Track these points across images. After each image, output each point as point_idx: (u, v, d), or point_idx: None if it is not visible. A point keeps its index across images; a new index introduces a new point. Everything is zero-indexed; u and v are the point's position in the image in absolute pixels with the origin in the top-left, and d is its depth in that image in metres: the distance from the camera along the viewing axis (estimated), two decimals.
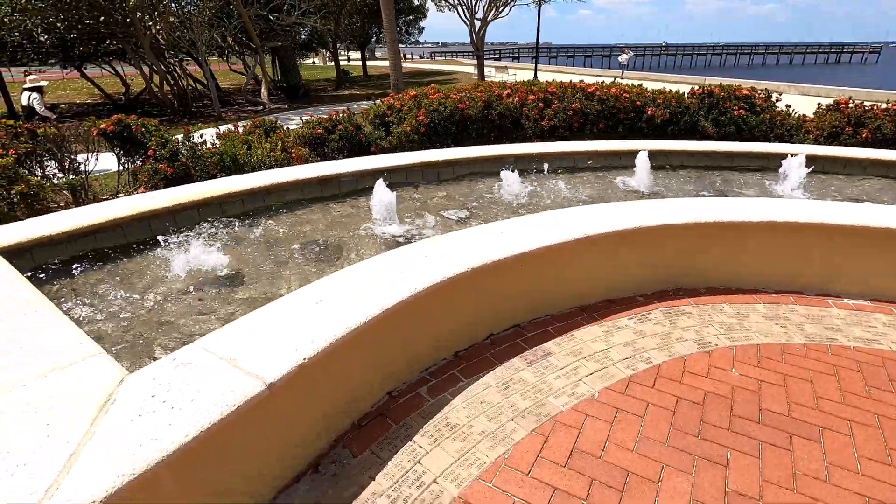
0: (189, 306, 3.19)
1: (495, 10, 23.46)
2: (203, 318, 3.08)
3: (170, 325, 3.01)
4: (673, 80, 28.20)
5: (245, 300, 3.26)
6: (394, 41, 15.05)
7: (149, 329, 2.97)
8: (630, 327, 3.29)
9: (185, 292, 3.34)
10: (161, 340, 2.86)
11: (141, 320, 3.04)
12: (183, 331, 2.96)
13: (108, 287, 3.35)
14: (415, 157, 5.41)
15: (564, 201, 4.93)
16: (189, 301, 3.25)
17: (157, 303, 3.22)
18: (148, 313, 3.11)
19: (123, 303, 3.20)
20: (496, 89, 7.41)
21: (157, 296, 3.29)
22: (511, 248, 3.00)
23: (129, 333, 2.91)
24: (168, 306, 3.19)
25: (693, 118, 7.15)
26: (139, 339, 2.86)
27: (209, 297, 3.30)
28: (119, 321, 3.02)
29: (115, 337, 2.87)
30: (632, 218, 3.48)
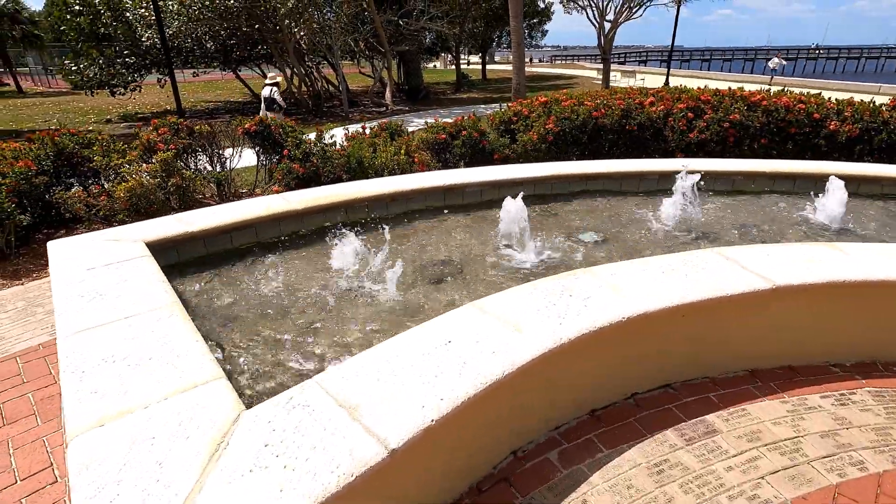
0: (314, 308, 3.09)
1: (628, 11, 21.99)
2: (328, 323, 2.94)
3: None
4: (835, 88, 24.25)
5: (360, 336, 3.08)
6: (519, 44, 14.66)
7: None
8: (826, 410, 2.54)
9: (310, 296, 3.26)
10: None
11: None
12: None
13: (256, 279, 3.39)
14: (546, 168, 4.96)
15: (724, 233, 4.15)
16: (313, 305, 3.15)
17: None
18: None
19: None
20: (637, 96, 6.66)
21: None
22: (671, 295, 2.44)
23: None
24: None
25: (893, 136, 5.77)
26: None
27: (322, 317, 3.17)
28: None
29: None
30: (845, 267, 2.71)
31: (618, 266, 2.73)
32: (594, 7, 21.88)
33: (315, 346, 2.80)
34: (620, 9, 21.82)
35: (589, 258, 3.67)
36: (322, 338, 2.87)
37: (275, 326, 2.98)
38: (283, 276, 3.51)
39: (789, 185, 4.88)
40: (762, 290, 2.55)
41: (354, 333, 2.90)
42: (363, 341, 2.79)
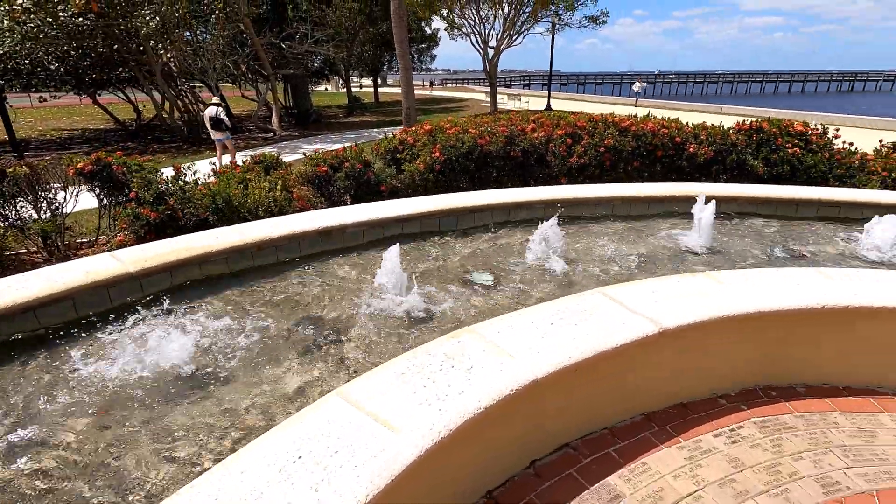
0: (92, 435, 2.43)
1: (509, 39, 23.21)
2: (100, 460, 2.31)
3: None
4: (688, 109, 27.65)
5: (200, 424, 2.49)
6: (406, 69, 14.63)
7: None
8: (720, 451, 2.46)
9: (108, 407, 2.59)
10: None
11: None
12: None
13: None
14: (431, 202, 4.70)
15: (609, 266, 4.15)
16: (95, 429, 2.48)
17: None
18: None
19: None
20: (519, 123, 6.74)
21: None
22: (563, 351, 2.22)
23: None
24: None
25: (741, 156, 6.40)
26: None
27: (139, 416, 2.54)
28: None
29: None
30: (724, 301, 2.69)
31: (505, 321, 2.46)
32: (477, 34, 22.78)
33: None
34: (501, 36, 22.94)
35: (481, 306, 3.40)
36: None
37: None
38: (95, 366, 2.77)
39: (661, 207, 5.10)
40: (651, 335, 2.43)
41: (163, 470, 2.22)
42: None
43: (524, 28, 23.72)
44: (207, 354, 2.90)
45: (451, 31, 24.70)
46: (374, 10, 25.63)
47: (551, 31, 25.33)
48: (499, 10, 22.10)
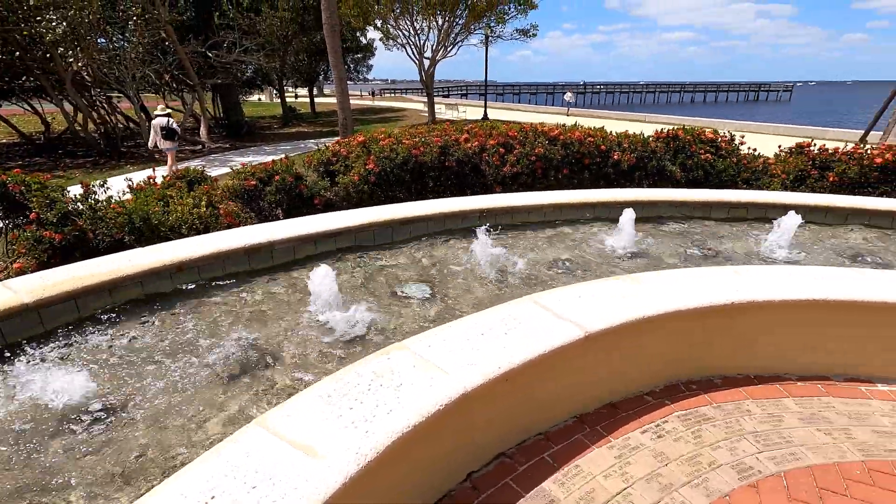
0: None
1: (444, 50, 23.53)
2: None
3: None
4: (615, 118, 29.24)
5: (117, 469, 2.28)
6: (341, 80, 14.44)
7: None
8: (647, 447, 2.56)
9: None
10: None
11: None
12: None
13: None
14: (364, 215, 4.62)
15: (541, 270, 4.25)
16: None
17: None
18: None
19: None
20: (453, 133, 6.81)
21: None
22: (493, 361, 2.23)
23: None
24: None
25: (660, 163, 6.81)
26: None
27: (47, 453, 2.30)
28: None
29: None
30: (644, 302, 2.82)
31: (436, 334, 2.44)
32: (412, 45, 22.91)
33: None
34: (437, 47, 23.21)
35: (416, 319, 3.37)
36: None
37: None
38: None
39: (590, 211, 5.31)
40: (577, 340, 2.50)
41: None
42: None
43: (458, 39, 24.14)
44: (110, 389, 2.67)
45: (386, 41, 24.68)
46: (307, 20, 25.15)
47: (485, 43, 25.97)
48: (433, 21, 22.36)
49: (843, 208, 5.27)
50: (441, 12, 21.62)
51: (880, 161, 6.42)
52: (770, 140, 11.05)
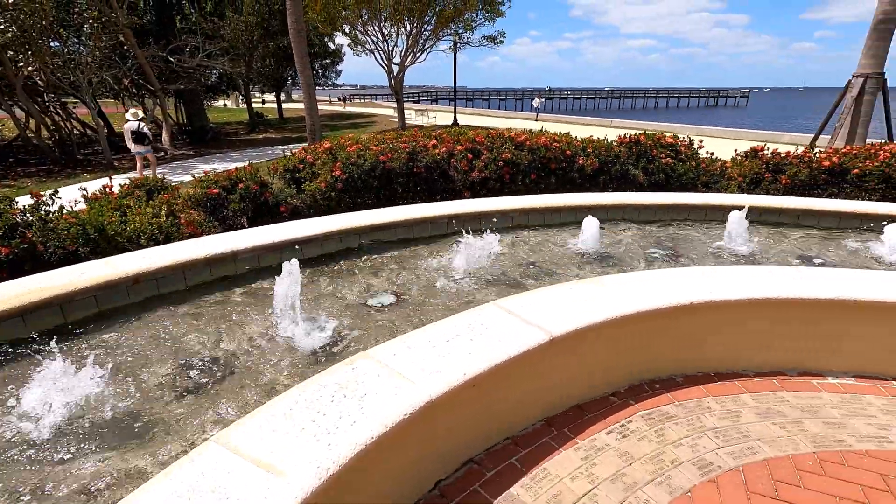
0: None
1: (412, 56, 23.57)
2: None
3: None
4: (582, 123, 29.88)
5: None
6: (309, 86, 14.28)
7: None
8: (612, 448, 2.60)
9: None
10: None
11: None
12: None
13: None
14: (331, 222, 4.57)
15: (509, 273, 4.29)
16: None
17: None
18: None
19: None
20: (421, 139, 6.81)
21: None
22: (460, 368, 2.23)
23: None
24: None
25: (623, 167, 6.98)
26: None
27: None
28: None
29: None
30: (607, 304, 2.87)
31: (402, 342, 2.43)
32: (381, 51, 22.87)
33: None
34: (405, 53, 23.23)
35: (380, 329, 3.34)
36: None
37: None
38: None
39: (557, 216, 5.40)
40: (543, 343, 2.52)
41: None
42: None
43: (427, 45, 24.23)
44: (61, 415, 2.54)
45: (354, 47, 24.56)
46: (273, 24, 24.80)
47: (453, 49, 26.16)
48: (401, 27, 22.39)
49: (794, 209, 5.51)
50: (409, 18, 21.67)
51: (827, 164, 6.76)
52: (729, 144, 11.49)
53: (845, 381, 3.22)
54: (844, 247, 5.04)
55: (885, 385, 3.18)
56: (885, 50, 10.14)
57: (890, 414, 2.91)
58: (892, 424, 2.82)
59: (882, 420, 2.85)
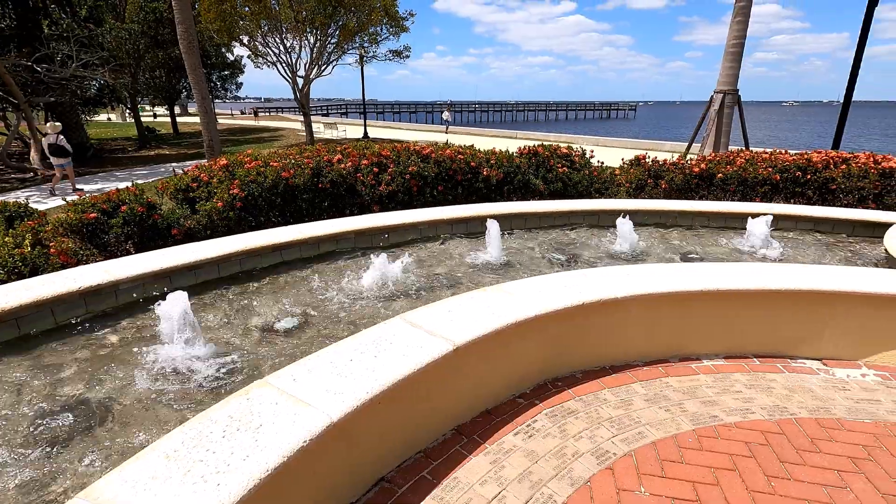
0: None
1: (318, 69, 23.12)
2: None
3: None
4: (490, 135, 31.09)
5: None
6: (204, 99, 13.44)
7: None
8: (520, 448, 2.70)
9: None
10: None
11: None
12: None
13: None
14: (230, 243, 4.31)
15: (417, 286, 4.32)
16: None
17: None
18: None
19: None
20: (325, 154, 6.67)
21: None
22: (363, 387, 2.20)
23: None
24: None
25: (525, 177, 7.35)
26: None
27: None
28: None
29: None
30: (509, 310, 2.98)
31: (302, 365, 2.35)
32: (283, 63, 22.16)
33: None
34: (310, 66, 22.72)
35: (283, 353, 3.20)
36: None
37: None
38: None
39: (463, 226, 5.55)
40: (448, 353, 2.56)
41: None
42: None
43: (333, 59, 23.90)
44: None
45: (255, 59, 23.57)
46: (162, 33, 23.10)
47: (360, 63, 26.05)
48: (304, 39, 21.88)
49: (672, 211, 6.15)
50: (312, 31, 21.26)
51: (697, 170, 7.64)
52: (621, 152, 12.54)
53: (717, 363, 3.62)
54: (713, 242, 5.69)
55: (749, 363, 3.63)
56: (738, 70, 11.72)
57: (752, 388, 3.31)
58: (754, 397, 3.21)
59: (746, 394, 3.24)
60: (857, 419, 3.00)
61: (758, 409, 3.08)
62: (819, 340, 3.64)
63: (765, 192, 7.44)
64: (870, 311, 3.52)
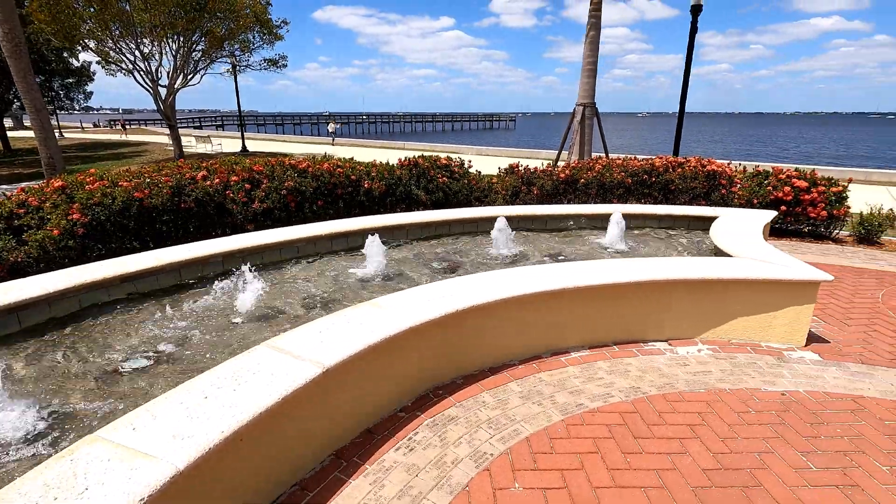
0: None
1: (183, 78, 21.28)
2: None
3: None
4: (378, 146, 31.05)
5: None
6: (39, 110, 11.65)
7: None
8: (400, 464, 2.67)
9: None
10: None
11: None
12: None
13: None
14: (67, 277, 3.74)
15: (291, 308, 4.12)
16: None
17: None
18: None
19: None
20: (188, 171, 6.11)
21: None
22: (218, 426, 2.02)
23: None
24: None
25: (406, 188, 7.41)
26: None
27: None
28: None
29: None
30: (384, 325, 2.94)
31: (145, 411, 2.09)
32: (141, 71, 20.03)
33: None
34: (173, 75, 20.82)
35: (127, 399, 2.84)
36: None
37: None
38: None
39: (344, 241, 5.42)
40: (317, 377, 2.46)
41: None
42: None
43: (200, 67, 22.16)
44: None
45: (106, 65, 20.99)
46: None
47: (233, 72, 24.50)
48: (164, 45, 19.99)
49: (543, 216, 6.61)
50: (172, 36, 19.52)
51: (563, 176, 8.33)
52: (502, 161, 13.23)
53: (584, 354, 3.93)
54: (580, 242, 6.22)
55: (610, 350, 3.99)
56: (594, 85, 13.06)
57: (612, 374, 3.65)
58: (614, 381, 3.54)
59: (607, 380, 3.56)
60: (694, 390, 3.44)
61: (616, 393, 3.39)
62: (664, 323, 4.13)
63: (620, 194, 8.33)
64: (701, 295, 4.07)
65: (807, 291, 3.98)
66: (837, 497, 2.47)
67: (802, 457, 2.76)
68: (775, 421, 3.09)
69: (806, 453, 2.79)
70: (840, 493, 2.50)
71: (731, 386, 3.49)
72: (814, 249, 7.14)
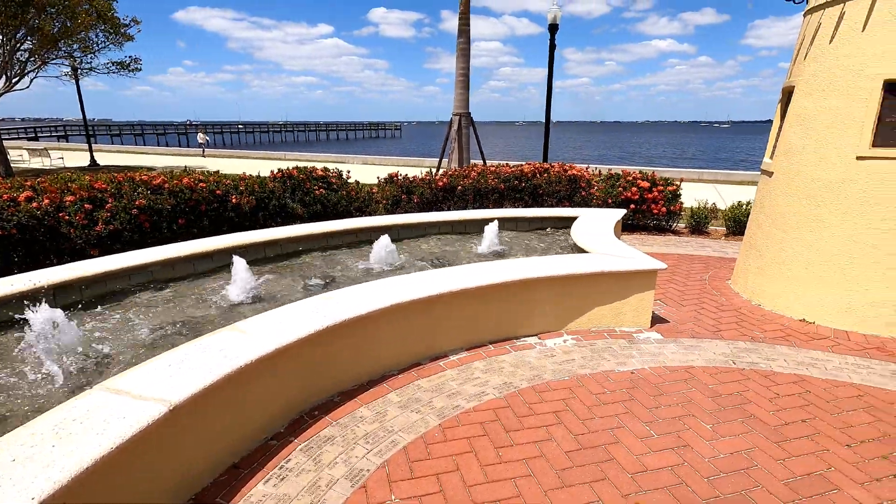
0: None
1: (7, 80, 18.13)
2: None
3: None
4: (256, 157, 29.28)
5: None
6: None
7: None
8: (270, 496, 2.51)
9: None
10: None
11: None
12: None
13: None
14: None
15: (139, 340, 3.69)
16: None
17: None
18: None
19: None
20: (6, 192, 5.17)
21: None
22: (30, 495, 1.72)
23: None
24: None
25: (281, 201, 7.06)
26: None
27: None
28: None
29: None
30: (245, 350, 2.74)
31: None
32: None
33: None
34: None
35: None
36: None
37: None
38: None
39: (208, 262, 5.00)
40: (163, 416, 2.21)
41: None
42: None
43: (30, 69, 19.04)
44: None
45: None
46: None
47: (74, 76, 21.42)
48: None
49: (422, 223, 6.72)
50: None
51: (441, 184, 8.57)
52: (388, 170, 13.20)
53: (462, 355, 4.05)
54: (459, 247, 6.43)
55: (486, 350, 4.16)
56: (467, 96, 13.66)
57: (488, 372, 3.81)
58: (489, 380, 3.69)
59: (482, 379, 3.70)
60: (560, 378, 3.72)
61: (490, 390, 3.54)
62: (534, 319, 4.42)
63: (495, 199, 8.79)
64: (563, 290, 4.43)
65: (648, 279, 4.53)
66: (672, 457, 2.83)
67: (647, 426, 3.12)
68: (626, 398, 3.45)
69: (649, 423, 3.16)
70: (674, 453, 2.86)
71: (591, 371, 3.84)
72: (658, 241, 8.18)
